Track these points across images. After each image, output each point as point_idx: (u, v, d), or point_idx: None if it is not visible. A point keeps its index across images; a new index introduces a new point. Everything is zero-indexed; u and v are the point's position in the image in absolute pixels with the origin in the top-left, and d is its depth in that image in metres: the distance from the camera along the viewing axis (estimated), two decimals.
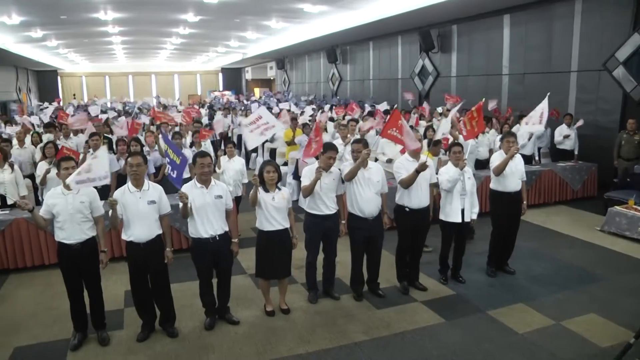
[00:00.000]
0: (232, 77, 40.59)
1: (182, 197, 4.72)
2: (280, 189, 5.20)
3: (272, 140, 11.43)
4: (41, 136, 10.05)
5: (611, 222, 7.91)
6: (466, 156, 5.96)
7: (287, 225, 5.21)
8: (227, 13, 15.81)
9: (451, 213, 5.90)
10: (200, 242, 4.92)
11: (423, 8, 12.93)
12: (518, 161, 6.24)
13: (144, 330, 5.00)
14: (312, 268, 5.70)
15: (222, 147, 11.89)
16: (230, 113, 16.53)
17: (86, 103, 27.55)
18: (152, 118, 13.18)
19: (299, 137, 10.02)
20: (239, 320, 5.25)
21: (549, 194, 9.73)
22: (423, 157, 5.58)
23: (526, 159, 8.27)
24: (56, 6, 14.00)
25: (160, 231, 4.87)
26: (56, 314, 5.46)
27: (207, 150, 8.36)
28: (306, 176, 5.42)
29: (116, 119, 14.84)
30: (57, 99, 27.24)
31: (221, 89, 38.64)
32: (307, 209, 5.55)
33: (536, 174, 9.51)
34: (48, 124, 11.05)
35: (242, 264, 6.69)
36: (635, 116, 9.47)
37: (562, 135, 10.40)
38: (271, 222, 5.10)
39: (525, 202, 6.38)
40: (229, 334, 5.05)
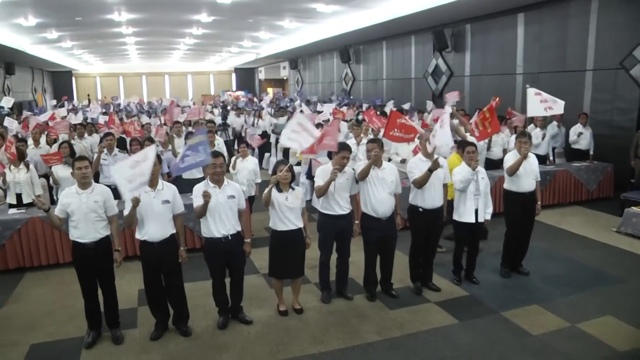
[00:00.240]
0: (245, 77, 40.66)
1: (206, 196, 4.73)
2: (293, 188, 5.21)
3: None
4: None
5: (628, 223, 7.81)
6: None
7: (301, 225, 5.22)
8: (240, 13, 15.85)
9: (465, 213, 5.88)
10: (213, 241, 4.95)
11: (436, 7, 12.87)
12: (532, 161, 6.19)
13: (157, 329, 5.04)
14: (325, 268, 5.71)
15: (236, 147, 11.92)
16: (243, 113, 16.59)
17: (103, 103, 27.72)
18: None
19: None
20: (252, 319, 5.27)
21: (563, 194, 9.64)
22: (442, 160, 5.59)
23: (540, 159, 8.20)
24: (71, 8, 14.14)
25: (174, 230, 4.91)
26: (71, 312, 5.52)
27: (221, 150, 8.39)
28: (320, 176, 5.42)
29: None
30: (64, 98, 27.44)
31: (234, 89, 38.72)
32: (321, 209, 5.56)
33: (550, 174, 9.43)
34: None
35: (255, 263, 6.71)
36: None
37: (576, 133, 10.28)
38: (284, 222, 5.11)
39: (539, 203, 6.34)
40: (242, 333, 5.07)
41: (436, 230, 5.88)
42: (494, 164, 9.17)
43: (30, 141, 9.30)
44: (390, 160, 7.82)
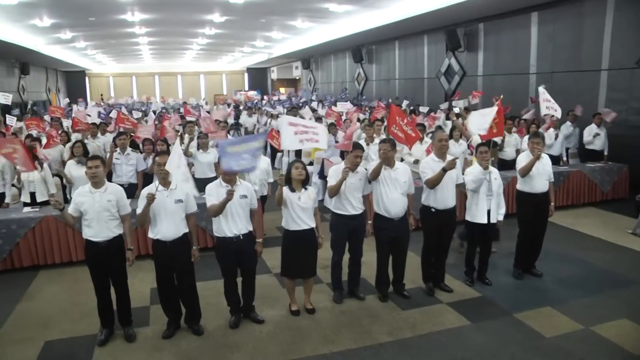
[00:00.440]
0: (258, 76, 40.80)
1: (229, 193, 4.73)
2: (306, 188, 5.21)
3: None
4: (69, 135, 10.26)
5: None
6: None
7: (313, 225, 5.22)
8: (252, 13, 15.90)
9: (477, 214, 5.85)
10: (225, 241, 4.96)
11: (449, 6, 12.84)
12: (545, 162, 6.14)
13: (169, 327, 5.06)
14: (338, 268, 5.70)
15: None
16: (255, 112, 16.63)
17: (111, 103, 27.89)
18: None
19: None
20: (263, 319, 5.28)
21: (577, 195, 9.55)
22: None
23: (553, 160, 8.14)
24: (85, 8, 14.28)
25: (187, 230, 4.93)
26: (84, 309, 5.56)
27: None
28: (332, 176, 5.42)
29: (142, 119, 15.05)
30: (80, 98, 27.68)
31: (247, 88, 38.84)
32: (333, 208, 5.55)
33: (564, 174, 9.35)
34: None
35: (268, 263, 6.72)
36: None
37: (592, 134, 10.18)
38: (297, 222, 5.11)
39: (552, 204, 6.29)
40: (254, 332, 5.08)
41: (449, 231, 5.85)
42: (507, 165, 9.12)
43: (44, 140, 9.37)
44: (402, 160, 7.80)
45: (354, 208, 5.44)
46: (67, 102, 27.00)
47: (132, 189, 7.51)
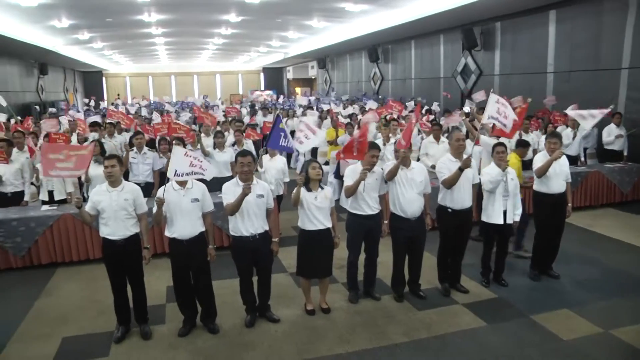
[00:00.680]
0: (274, 76, 40.87)
1: (245, 189, 4.75)
2: (322, 188, 5.21)
3: None
4: (86, 135, 10.37)
5: None
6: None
7: (329, 225, 5.22)
8: (268, 13, 15.93)
9: (493, 214, 5.80)
10: (241, 240, 4.98)
11: (466, 5, 12.73)
12: (563, 162, 6.07)
13: (185, 325, 5.10)
14: (354, 268, 5.70)
15: (264, 146, 11.96)
16: (271, 112, 16.64)
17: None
18: (195, 117, 13.37)
19: (342, 136, 10.02)
20: (279, 318, 5.29)
21: (595, 196, 9.43)
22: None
23: (571, 160, 8.06)
24: (103, 9, 14.41)
25: (203, 229, 4.96)
26: (101, 307, 5.63)
27: (249, 149, 8.44)
28: (349, 176, 5.41)
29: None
30: (93, 97, 27.95)
31: (262, 88, 38.95)
32: (350, 208, 5.54)
33: (582, 175, 9.24)
34: (93, 122, 11.37)
35: (283, 262, 6.74)
36: None
37: (614, 135, 10.02)
38: (313, 222, 5.11)
39: (570, 205, 6.23)
40: (269, 331, 5.09)
41: (465, 231, 5.82)
42: (524, 165, 8.97)
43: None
44: (418, 159, 7.77)
45: (371, 208, 5.43)
46: (86, 101, 27.31)
47: (149, 188, 7.57)
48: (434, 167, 7.45)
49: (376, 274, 5.81)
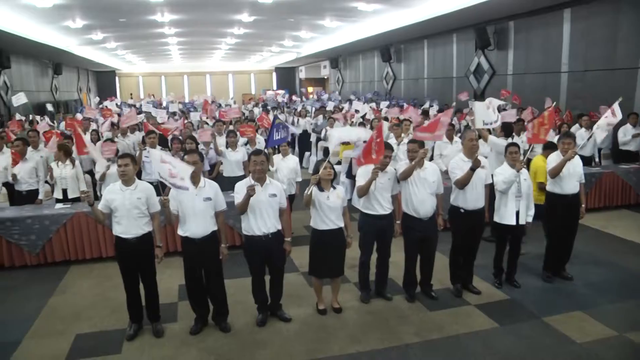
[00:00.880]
0: (286, 76, 40.91)
1: (250, 190, 4.77)
2: (335, 187, 5.20)
3: (325, 138, 11.47)
4: (100, 134, 10.46)
5: None
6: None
7: (342, 225, 5.21)
8: (281, 13, 15.96)
9: (506, 215, 5.76)
10: (253, 239, 4.99)
11: (479, 4, 12.68)
12: (576, 162, 6.01)
13: (197, 323, 5.12)
14: (365, 268, 5.69)
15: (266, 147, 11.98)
16: (283, 112, 16.68)
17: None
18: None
19: None
20: (290, 317, 5.30)
21: (610, 197, 9.31)
22: (484, 160, 5.54)
23: (585, 161, 7.97)
24: (116, 10, 14.53)
25: (216, 227, 4.97)
26: (113, 304, 5.68)
27: (262, 148, 8.45)
28: (361, 176, 5.40)
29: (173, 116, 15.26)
30: (111, 98, 28.15)
31: (275, 88, 39.00)
32: (362, 208, 5.53)
33: (596, 176, 9.13)
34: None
35: (295, 261, 6.74)
36: None
37: (631, 134, 9.89)
38: (325, 222, 5.11)
39: (583, 206, 6.16)
40: (281, 331, 5.10)
41: (477, 232, 5.78)
42: None
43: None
44: (431, 159, 7.73)
45: (383, 208, 5.42)
46: (98, 100, 27.51)
47: (162, 188, 7.58)
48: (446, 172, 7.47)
49: (388, 274, 5.79)
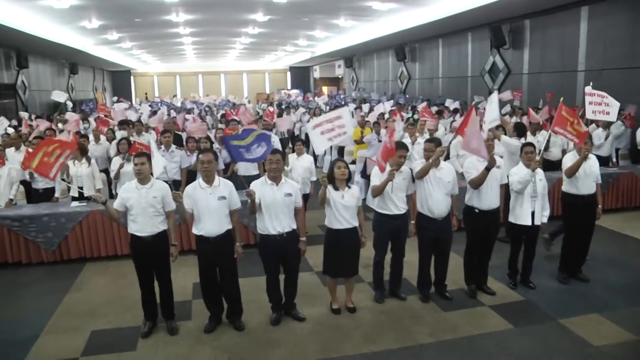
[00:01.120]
0: (300, 75, 40.98)
1: (249, 194, 4.82)
2: (350, 187, 5.20)
3: None
4: (115, 133, 10.53)
5: None
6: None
7: (356, 224, 5.20)
8: (295, 12, 15.97)
9: (521, 215, 5.70)
10: (268, 238, 5.00)
11: (494, 3, 12.59)
12: (593, 163, 5.96)
13: (211, 322, 5.14)
14: (380, 267, 5.68)
15: (290, 144, 12.02)
16: (296, 111, 16.71)
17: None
18: (224, 114, 13.46)
19: (368, 135, 9.98)
20: (304, 316, 5.30)
21: (628, 198, 9.18)
22: (499, 160, 5.52)
23: (602, 161, 7.87)
24: (132, 10, 14.65)
25: (230, 226, 4.99)
26: (128, 302, 5.73)
27: (276, 147, 8.45)
28: (376, 175, 5.39)
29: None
30: (121, 98, 28.40)
31: (289, 87, 39.06)
32: (377, 208, 5.52)
33: (613, 176, 9.01)
34: (122, 121, 11.55)
35: (310, 261, 6.74)
36: None
37: None
38: (340, 221, 5.11)
39: (600, 206, 6.09)
40: (295, 330, 5.10)
41: (492, 232, 5.74)
42: (553, 165, 8.86)
43: (92, 137, 9.65)
44: (448, 158, 7.67)
45: (398, 208, 5.40)
46: (115, 100, 27.77)
47: (176, 186, 7.59)
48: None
49: (402, 273, 5.78)
